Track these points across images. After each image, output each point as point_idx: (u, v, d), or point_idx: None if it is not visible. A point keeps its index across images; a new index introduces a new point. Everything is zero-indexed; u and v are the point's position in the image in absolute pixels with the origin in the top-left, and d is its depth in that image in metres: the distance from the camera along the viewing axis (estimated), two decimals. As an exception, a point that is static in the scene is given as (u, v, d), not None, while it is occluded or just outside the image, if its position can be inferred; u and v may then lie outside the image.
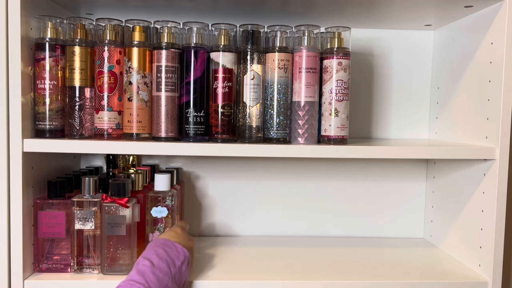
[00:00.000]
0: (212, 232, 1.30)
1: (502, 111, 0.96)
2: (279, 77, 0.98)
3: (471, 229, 1.06)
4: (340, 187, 1.31)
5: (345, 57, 0.98)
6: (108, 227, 0.94)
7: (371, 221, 1.32)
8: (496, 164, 0.97)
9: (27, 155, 0.92)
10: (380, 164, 1.31)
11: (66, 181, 0.99)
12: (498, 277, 0.98)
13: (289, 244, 1.22)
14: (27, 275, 0.94)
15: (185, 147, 0.94)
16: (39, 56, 0.95)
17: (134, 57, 0.96)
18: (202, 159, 1.28)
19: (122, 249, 0.95)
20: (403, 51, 1.30)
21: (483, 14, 1.04)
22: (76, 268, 0.96)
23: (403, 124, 1.32)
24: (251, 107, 0.98)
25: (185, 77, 0.97)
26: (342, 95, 0.98)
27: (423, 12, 1.11)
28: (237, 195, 1.29)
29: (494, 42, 0.99)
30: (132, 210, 0.96)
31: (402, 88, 1.31)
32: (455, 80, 1.16)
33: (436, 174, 1.26)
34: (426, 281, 0.99)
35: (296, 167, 1.30)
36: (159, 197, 1.01)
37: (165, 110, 0.96)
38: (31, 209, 0.95)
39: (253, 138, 0.98)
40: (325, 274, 1.01)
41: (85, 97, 0.97)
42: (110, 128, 0.97)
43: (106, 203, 0.94)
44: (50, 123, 0.96)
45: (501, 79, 0.96)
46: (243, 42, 0.99)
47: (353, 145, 0.98)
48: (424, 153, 0.99)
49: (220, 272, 1.01)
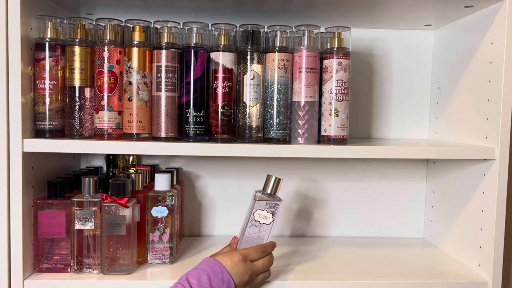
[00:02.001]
0: (212, 232, 1.30)
1: (502, 111, 0.96)
2: (279, 77, 0.98)
3: (471, 229, 1.06)
4: (340, 187, 1.31)
5: (345, 57, 0.98)
6: (108, 227, 0.94)
7: (371, 221, 1.32)
8: (496, 164, 0.97)
9: (27, 155, 0.92)
10: (380, 164, 1.31)
11: (66, 181, 0.99)
12: (498, 277, 0.98)
13: (289, 244, 1.22)
14: (27, 275, 0.94)
15: (185, 147, 0.94)
16: (39, 56, 0.95)
17: (134, 57, 0.96)
18: (202, 159, 1.28)
19: (122, 249, 0.95)
20: (403, 51, 1.30)
21: (483, 14, 1.04)
22: (76, 268, 0.96)
23: (403, 124, 1.32)
24: (251, 107, 0.98)
25: (185, 77, 0.97)
26: (342, 95, 0.98)
27: (423, 12, 1.11)
28: (237, 195, 1.29)
29: (494, 42, 0.99)
30: (132, 210, 0.96)
31: (402, 88, 1.31)
32: (455, 80, 1.16)
33: (436, 174, 1.26)
34: (426, 281, 0.99)
35: (296, 167, 1.30)
36: (159, 197, 1.01)
37: (165, 110, 0.96)
38: (31, 209, 0.95)
39: (253, 138, 0.98)
40: (325, 274, 1.01)
41: (85, 97, 0.97)
42: (110, 128, 0.97)
43: (106, 203, 0.94)
44: (50, 123, 0.96)
45: (501, 79, 0.96)
46: (243, 42, 0.99)
47: (353, 145, 0.98)
48: (424, 153, 0.99)
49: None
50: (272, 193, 0.94)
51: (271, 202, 0.94)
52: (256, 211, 0.93)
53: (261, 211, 0.93)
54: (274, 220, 0.94)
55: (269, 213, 0.94)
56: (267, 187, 0.94)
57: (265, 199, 0.93)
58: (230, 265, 0.86)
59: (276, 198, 0.94)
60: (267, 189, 0.94)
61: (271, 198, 0.94)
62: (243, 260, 0.88)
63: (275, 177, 0.94)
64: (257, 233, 0.94)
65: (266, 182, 0.95)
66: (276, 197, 0.94)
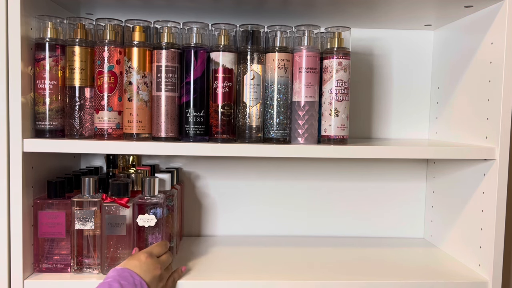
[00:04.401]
0: (212, 232, 1.30)
1: (502, 111, 0.96)
2: (279, 77, 0.98)
3: (471, 229, 1.06)
4: (340, 187, 1.31)
5: (345, 57, 0.98)
6: (108, 227, 0.94)
7: (371, 221, 1.32)
8: (496, 164, 0.97)
9: (27, 155, 0.92)
10: (380, 164, 1.31)
11: (66, 181, 0.99)
12: (498, 277, 0.98)
13: (289, 244, 1.22)
14: (27, 275, 0.94)
15: (185, 147, 0.94)
16: (39, 56, 0.95)
17: (134, 57, 0.96)
18: (202, 159, 1.28)
19: (122, 249, 0.95)
20: (403, 51, 1.30)
21: (483, 14, 1.04)
22: (76, 268, 0.96)
23: (403, 124, 1.32)
24: (251, 107, 0.98)
25: (185, 77, 0.97)
26: (342, 95, 0.98)
27: (423, 12, 1.11)
28: (237, 195, 1.29)
29: (494, 42, 0.99)
30: (133, 210, 0.96)
31: (402, 88, 1.31)
32: (455, 80, 1.16)
33: (436, 174, 1.26)
34: (426, 281, 0.99)
35: (296, 167, 1.30)
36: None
37: (165, 110, 0.96)
38: (31, 209, 0.95)
39: (253, 138, 0.98)
40: (325, 274, 1.01)
41: (85, 97, 0.97)
42: (110, 128, 0.97)
43: (106, 203, 0.94)
44: (50, 123, 0.96)
45: (501, 79, 0.96)
46: (243, 42, 0.99)
47: (353, 145, 0.98)
48: (424, 153, 0.99)
49: (220, 272, 1.01)
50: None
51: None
52: None
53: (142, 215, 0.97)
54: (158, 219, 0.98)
55: (151, 214, 0.97)
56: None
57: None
58: (138, 265, 0.88)
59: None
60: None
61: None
62: (150, 257, 0.90)
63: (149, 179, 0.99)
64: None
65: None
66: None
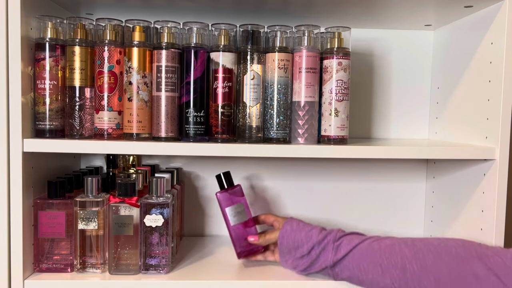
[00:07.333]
0: (212, 232, 1.30)
1: (502, 111, 0.96)
2: (279, 77, 0.98)
3: (471, 229, 1.06)
4: (340, 187, 1.31)
5: (345, 57, 0.98)
6: (115, 227, 0.94)
7: (371, 221, 1.32)
8: (496, 164, 0.97)
9: (27, 155, 0.92)
10: (380, 164, 1.31)
11: (66, 181, 0.99)
12: (498, 277, 0.98)
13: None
14: (27, 275, 0.94)
15: (185, 147, 0.94)
16: (39, 56, 0.95)
17: (134, 57, 0.96)
18: (202, 159, 1.28)
19: (130, 249, 0.95)
20: (403, 51, 1.30)
21: (483, 14, 1.04)
22: (80, 267, 0.96)
23: (403, 124, 1.32)
24: (251, 107, 0.98)
25: (185, 77, 0.97)
26: (342, 95, 0.98)
27: (423, 12, 1.11)
28: (237, 195, 1.29)
29: (494, 42, 0.99)
30: (140, 210, 0.95)
31: (402, 88, 1.31)
32: (455, 80, 1.16)
33: (436, 174, 1.26)
34: (426, 281, 0.98)
35: (296, 167, 1.30)
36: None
37: (165, 110, 0.96)
38: (31, 209, 0.95)
39: (253, 138, 0.98)
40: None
41: (85, 97, 0.97)
42: (110, 128, 0.97)
43: (113, 203, 0.94)
44: (50, 123, 0.96)
45: (501, 79, 0.96)
46: (243, 42, 0.99)
47: (353, 145, 0.98)
48: (424, 153, 0.99)
49: (220, 272, 1.01)
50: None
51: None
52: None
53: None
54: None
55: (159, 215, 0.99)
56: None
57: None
58: None
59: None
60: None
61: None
62: None
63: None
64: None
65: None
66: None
